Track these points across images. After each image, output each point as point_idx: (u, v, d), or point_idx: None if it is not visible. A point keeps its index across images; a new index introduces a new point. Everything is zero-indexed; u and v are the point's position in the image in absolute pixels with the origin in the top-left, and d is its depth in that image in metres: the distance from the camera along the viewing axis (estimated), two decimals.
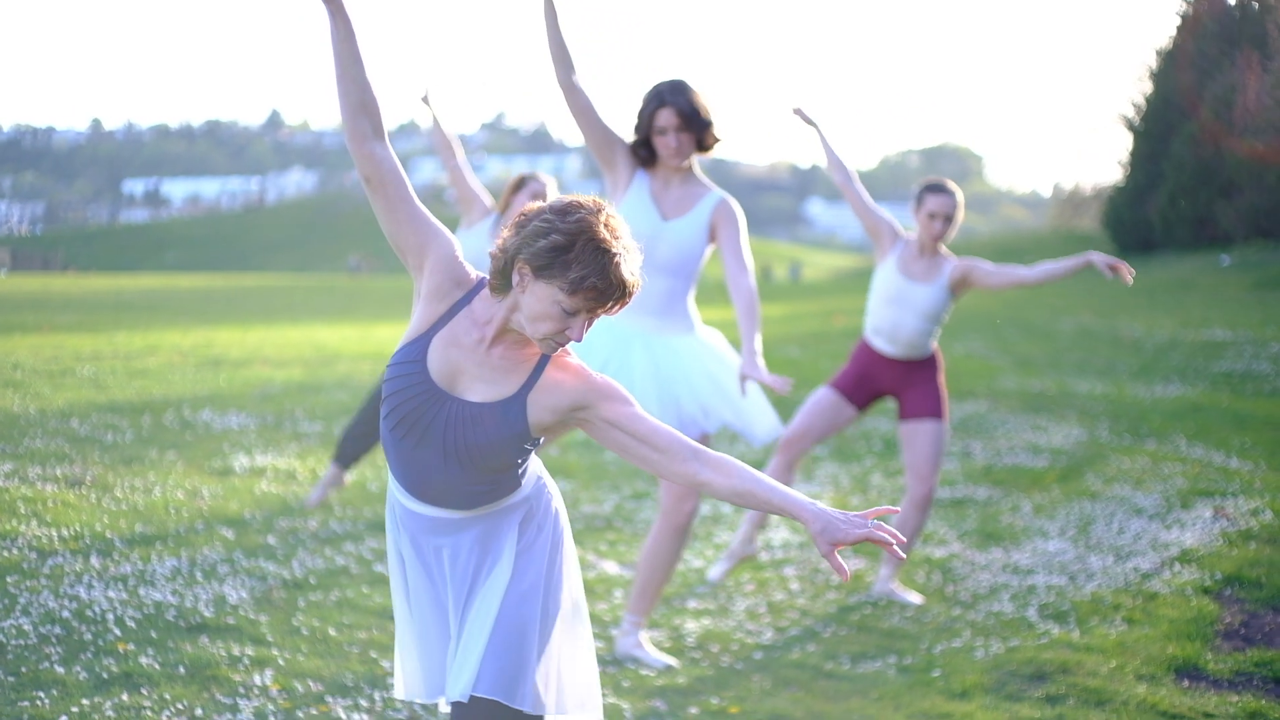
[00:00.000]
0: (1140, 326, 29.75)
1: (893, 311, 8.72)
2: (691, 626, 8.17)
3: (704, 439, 7.45)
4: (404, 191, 4.09)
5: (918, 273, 8.70)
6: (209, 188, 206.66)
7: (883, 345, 8.82)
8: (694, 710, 6.77)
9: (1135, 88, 67.23)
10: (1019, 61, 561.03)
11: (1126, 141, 68.12)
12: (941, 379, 8.89)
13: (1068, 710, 6.78)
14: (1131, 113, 67.30)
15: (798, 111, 8.51)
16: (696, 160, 7.50)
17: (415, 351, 4.05)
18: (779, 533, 10.64)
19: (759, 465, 12.04)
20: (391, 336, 28.45)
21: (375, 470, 12.50)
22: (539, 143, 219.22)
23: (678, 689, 7.07)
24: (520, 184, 9.63)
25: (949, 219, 8.64)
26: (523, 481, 4.16)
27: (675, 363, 7.43)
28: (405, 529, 4.25)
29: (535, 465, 4.24)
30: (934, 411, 8.78)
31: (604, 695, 7.02)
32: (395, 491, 4.25)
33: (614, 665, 7.42)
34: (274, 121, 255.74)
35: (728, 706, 6.83)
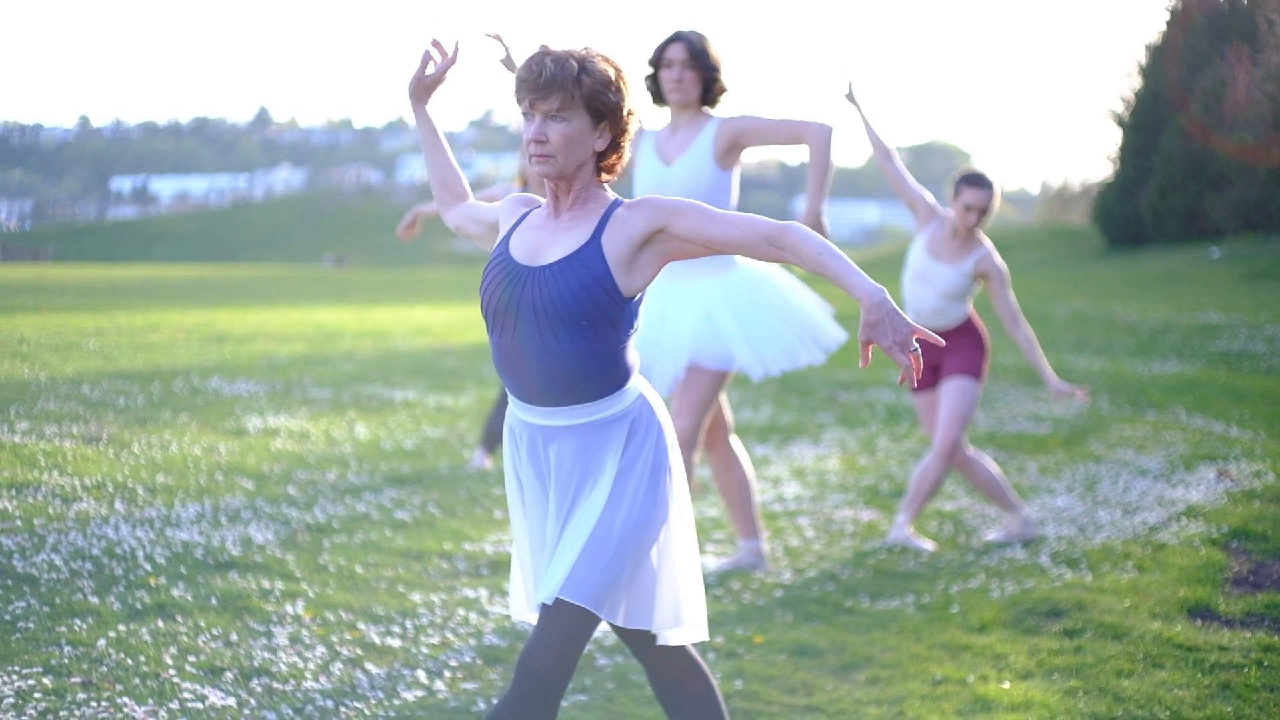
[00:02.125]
0: (1134, 311, 29.85)
1: (917, 287, 8.93)
2: (711, 564, 8.27)
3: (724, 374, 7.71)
4: (482, 218, 4.58)
5: (944, 254, 8.87)
6: (197, 185, 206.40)
7: (914, 319, 8.98)
8: (720, 639, 6.87)
9: (1124, 83, 67.35)
10: (1006, 58, 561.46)
11: (1116, 136, 68.19)
12: (981, 344, 9.00)
13: (1086, 643, 6.88)
14: (1120, 108, 67.38)
15: (849, 96, 8.59)
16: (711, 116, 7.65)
17: (500, 248, 4.30)
18: (791, 487, 10.75)
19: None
20: (390, 318, 28.51)
21: (388, 430, 12.60)
22: None
23: (719, 630, 7.16)
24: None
25: (984, 211, 8.82)
26: (623, 385, 4.24)
27: (684, 307, 7.64)
28: (521, 442, 4.36)
29: (640, 384, 4.33)
30: (962, 369, 8.91)
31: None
32: (511, 406, 4.38)
33: None
34: (262, 119, 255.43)
35: (752, 636, 6.93)
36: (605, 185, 4.29)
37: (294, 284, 52.95)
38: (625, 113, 4.21)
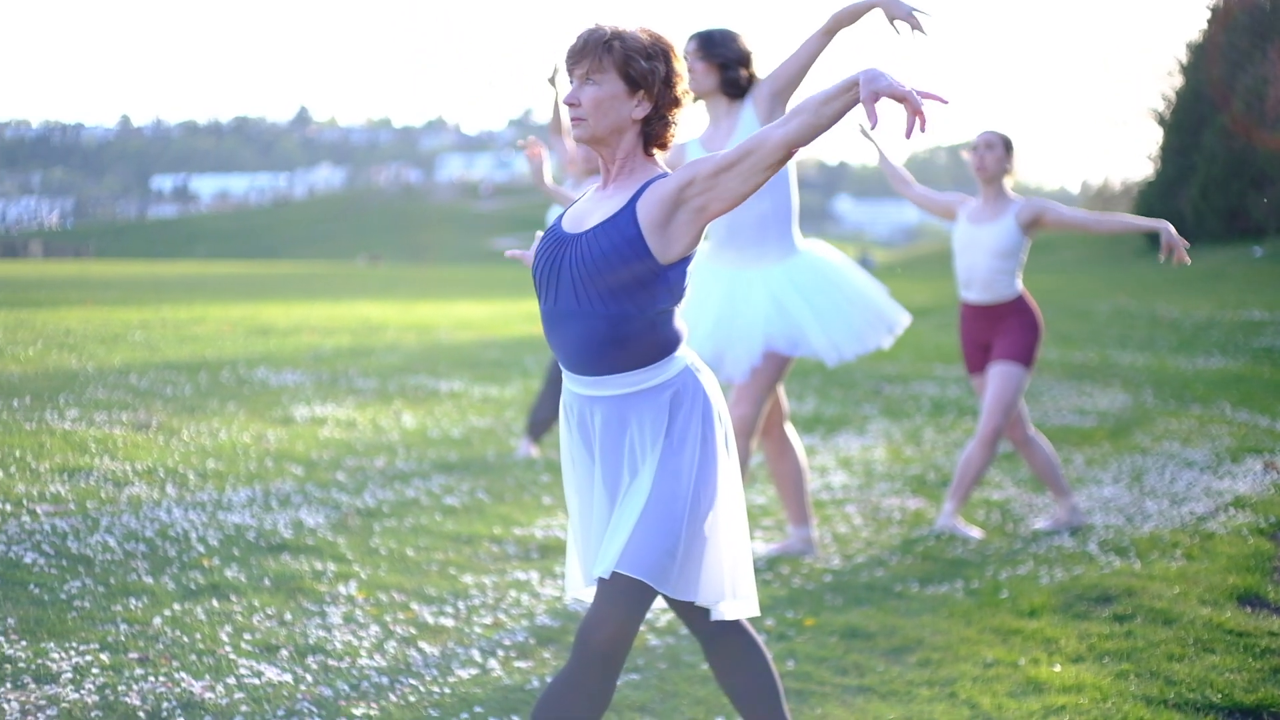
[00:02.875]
0: (1176, 308, 29.76)
1: (966, 258, 8.93)
2: (760, 550, 8.29)
3: (784, 362, 7.75)
4: None
5: (984, 217, 8.89)
6: (237, 184, 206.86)
7: (968, 295, 9.02)
8: (770, 622, 6.88)
9: (1165, 81, 67.08)
10: (1046, 57, 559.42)
11: (1157, 135, 67.91)
12: (1033, 325, 8.98)
13: (1136, 628, 6.87)
14: (1161, 106, 67.12)
15: (863, 131, 8.62)
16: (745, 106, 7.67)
17: (554, 223, 4.36)
18: (837, 476, 10.76)
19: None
20: (433, 312, 28.56)
21: (434, 419, 12.64)
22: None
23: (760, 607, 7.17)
24: None
25: (989, 145, 8.85)
26: (666, 355, 4.24)
27: (751, 293, 7.68)
28: (571, 416, 4.38)
29: (688, 357, 4.34)
30: (1010, 355, 8.89)
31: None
32: (564, 380, 4.41)
33: None
34: (302, 118, 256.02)
35: (803, 619, 6.94)
36: (655, 159, 4.31)
37: (336, 280, 53.12)
38: (667, 84, 4.23)
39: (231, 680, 5.80)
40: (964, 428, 13.19)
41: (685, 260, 4.22)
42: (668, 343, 4.26)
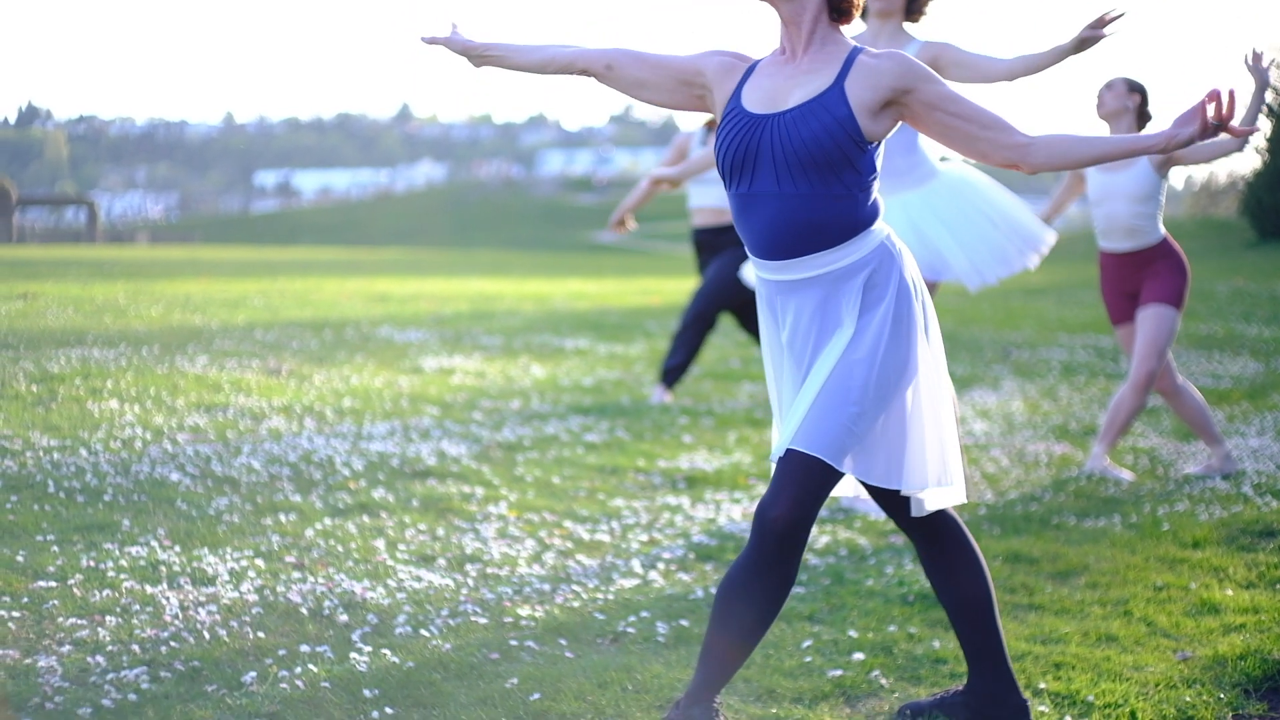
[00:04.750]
0: None
1: (1105, 207, 8.69)
2: (865, 508, 8.11)
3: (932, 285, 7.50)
4: (664, 65, 4.31)
5: (1116, 164, 8.65)
6: (339, 179, 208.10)
7: (1109, 245, 8.78)
8: None
9: (1274, 73, 66.16)
10: (1145, 49, 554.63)
11: (1265, 127, 66.95)
12: (1180, 267, 8.75)
13: None
14: (1270, 96, 66.20)
15: None
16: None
17: (731, 104, 4.17)
18: (978, 424, 10.56)
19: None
20: (546, 287, 28.50)
21: (564, 371, 12.56)
22: (668, 135, 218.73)
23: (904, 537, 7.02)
24: None
25: (1109, 85, 8.62)
26: (863, 230, 4.09)
27: (890, 222, 7.49)
28: (764, 301, 4.26)
29: (881, 230, 4.19)
30: (1160, 297, 8.65)
31: (842, 530, 6.99)
32: (753, 266, 4.26)
33: (842, 513, 7.42)
34: (403, 114, 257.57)
35: None
36: (841, 31, 4.17)
37: (444, 262, 53.18)
38: None
39: (392, 583, 5.71)
40: (1098, 387, 12.93)
41: (884, 141, 4.11)
42: (867, 219, 4.10)
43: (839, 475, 4.03)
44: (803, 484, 3.99)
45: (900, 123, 4.13)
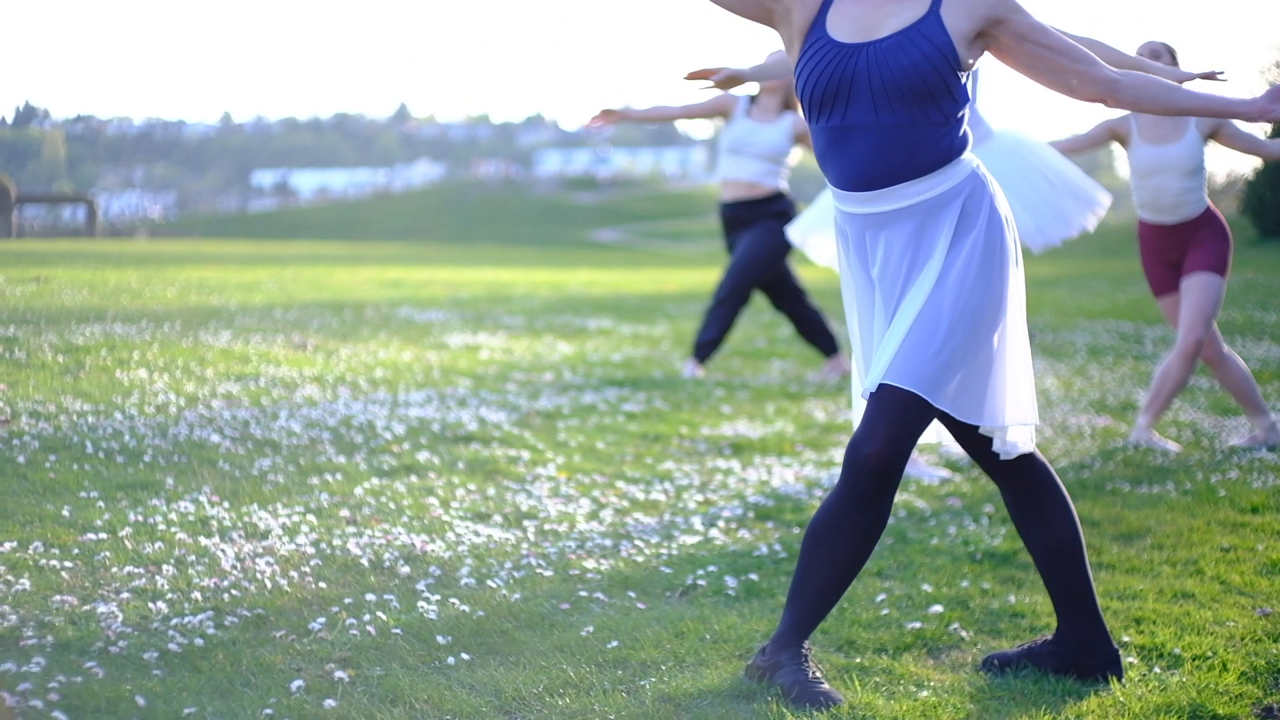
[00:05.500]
0: None
1: (1153, 180, 8.50)
2: (958, 451, 7.98)
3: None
4: None
5: (1165, 136, 8.47)
6: (336, 179, 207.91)
7: (1153, 218, 8.60)
8: (989, 509, 6.59)
9: (1274, 73, 66.04)
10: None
11: (1264, 127, 66.83)
12: (1223, 236, 8.59)
13: None
14: None
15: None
16: None
17: (815, 34, 4.05)
18: None
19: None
20: (558, 276, 28.36)
21: (590, 348, 12.43)
22: (664, 136, 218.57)
23: (964, 495, 6.90)
24: (774, 54, 10.29)
25: (1155, 54, 8.45)
26: (956, 158, 3.99)
27: None
28: (849, 239, 4.14)
29: (972, 159, 4.07)
30: (1205, 265, 8.49)
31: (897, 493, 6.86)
32: (836, 202, 4.14)
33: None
34: (401, 114, 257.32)
35: None
36: None
37: (450, 256, 52.95)
38: None
39: (450, 537, 5.59)
40: (1128, 366, 12.81)
41: (972, 71, 4.02)
42: (960, 147, 4.01)
43: (933, 411, 3.92)
44: (897, 419, 3.89)
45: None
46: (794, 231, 8.45)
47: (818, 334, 11.04)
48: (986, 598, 5.09)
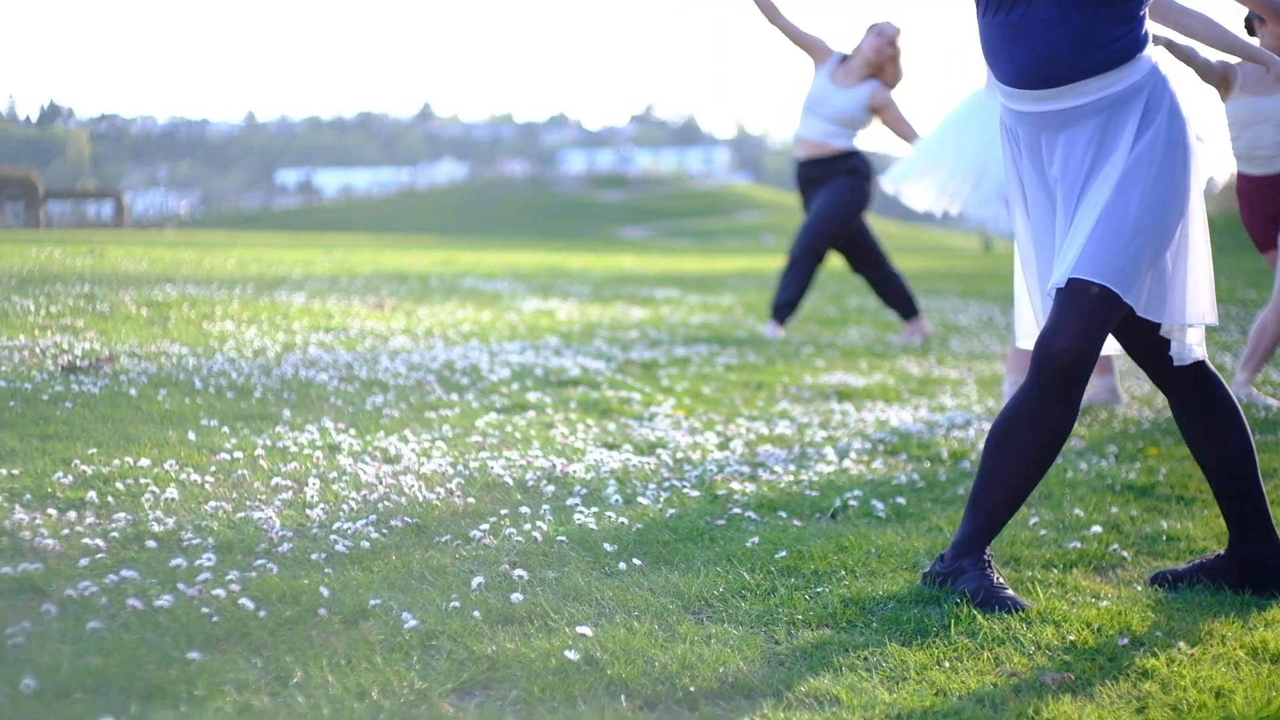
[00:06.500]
0: None
1: (1251, 131, 8.37)
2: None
3: None
4: None
5: (1264, 88, 8.34)
6: (360, 178, 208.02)
7: (1251, 169, 8.47)
8: (1113, 448, 6.47)
9: None
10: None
11: None
12: None
13: None
14: None
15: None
16: None
17: None
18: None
19: None
20: (605, 261, 28.27)
21: (664, 314, 12.34)
22: (688, 135, 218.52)
23: (1084, 437, 6.79)
24: (872, 26, 10.33)
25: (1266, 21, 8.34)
26: (1139, 53, 3.88)
27: None
28: (1020, 142, 4.03)
29: (1153, 54, 3.96)
30: None
31: None
32: (1007, 102, 4.03)
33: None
34: (425, 114, 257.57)
35: (1146, 449, 6.51)
36: None
37: (486, 246, 53.04)
38: None
39: (589, 461, 5.49)
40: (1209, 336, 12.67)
41: None
42: (1142, 42, 3.91)
43: (1124, 306, 3.81)
44: (1087, 313, 3.78)
45: None
46: (888, 180, 8.34)
47: (898, 297, 10.92)
48: (1138, 524, 4.98)
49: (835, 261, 11.90)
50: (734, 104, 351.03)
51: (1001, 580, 3.93)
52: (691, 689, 3.09)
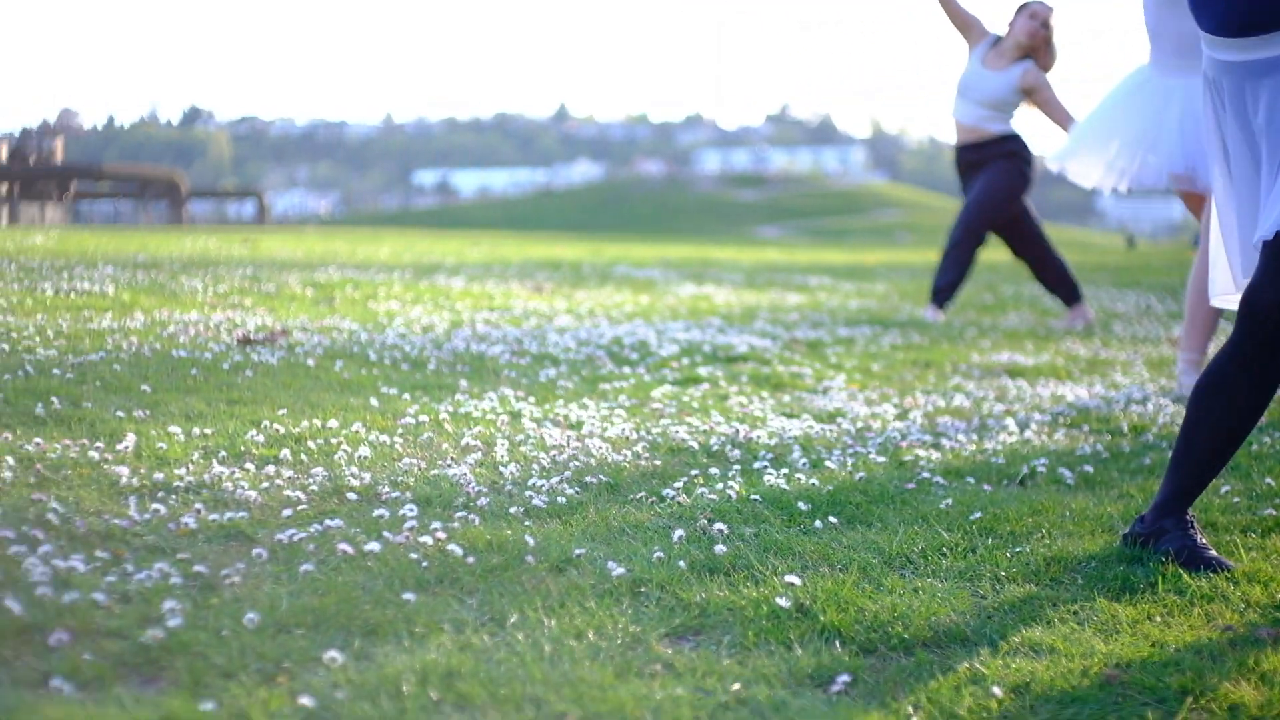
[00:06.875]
0: None
1: None
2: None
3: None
4: None
5: None
6: (497, 178, 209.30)
7: None
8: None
9: None
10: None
11: None
12: None
13: None
14: None
15: None
16: None
17: None
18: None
19: None
20: (748, 255, 28.29)
21: (821, 296, 12.29)
22: (824, 134, 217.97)
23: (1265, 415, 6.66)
24: (1023, 8, 9.99)
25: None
26: None
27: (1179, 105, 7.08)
28: (1223, 94, 3.93)
29: None
30: None
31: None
32: (1211, 51, 3.94)
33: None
34: (561, 114, 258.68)
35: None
36: None
37: (628, 241, 53.34)
38: None
39: (771, 428, 5.48)
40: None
41: None
42: None
43: None
44: None
45: None
46: (1053, 160, 8.23)
47: (1061, 282, 10.78)
48: None
49: (988, 252, 11.77)
50: (870, 103, 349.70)
51: (1204, 541, 3.86)
52: (905, 636, 3.07)
